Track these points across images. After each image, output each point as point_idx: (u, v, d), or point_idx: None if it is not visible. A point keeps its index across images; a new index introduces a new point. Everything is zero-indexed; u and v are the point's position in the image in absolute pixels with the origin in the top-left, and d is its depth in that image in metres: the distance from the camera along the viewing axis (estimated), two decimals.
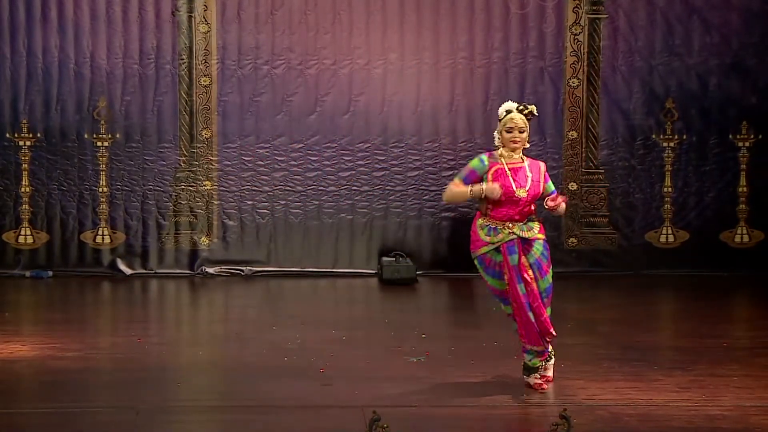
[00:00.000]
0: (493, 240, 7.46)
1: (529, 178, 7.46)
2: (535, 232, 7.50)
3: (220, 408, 7.32)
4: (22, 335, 9.48)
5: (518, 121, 7.51)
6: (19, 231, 12.60)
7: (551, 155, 12.78)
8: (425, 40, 12.68)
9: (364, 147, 12.74)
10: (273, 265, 12.78)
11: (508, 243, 7.43)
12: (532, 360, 7.55)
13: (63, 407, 7.12)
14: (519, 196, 7.41)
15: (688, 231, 12.92)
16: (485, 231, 7.49)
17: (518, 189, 7.42)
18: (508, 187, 7.41)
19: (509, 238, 7.43)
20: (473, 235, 7.55)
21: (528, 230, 7.48)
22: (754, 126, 12.83)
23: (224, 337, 9.76)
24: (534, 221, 7.52)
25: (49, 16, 12.39)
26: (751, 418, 6.90)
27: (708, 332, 9.71)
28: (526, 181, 7.45)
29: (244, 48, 12.59)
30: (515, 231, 7.45)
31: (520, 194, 7.41)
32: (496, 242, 7.45)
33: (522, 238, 7.44)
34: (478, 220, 7.55)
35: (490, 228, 7.48)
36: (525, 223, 7.48)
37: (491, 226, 7.47)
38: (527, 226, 7.48)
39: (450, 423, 6.96)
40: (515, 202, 7.42)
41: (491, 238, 7.47)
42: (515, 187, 7.42)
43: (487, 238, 7.47)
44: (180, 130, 12.62)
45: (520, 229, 7.46)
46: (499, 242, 7.44)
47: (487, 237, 7.47)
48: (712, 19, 12.73)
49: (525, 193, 7.42)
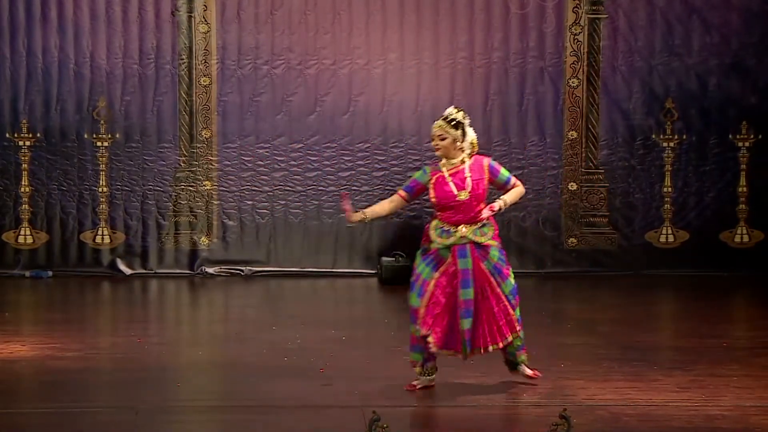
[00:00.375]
0: (445, 242, 7.48)
1: (468, 178, 7.47)
2: (488, 237, 7.52)
3: (219, 408, 7.32)
4: (22, 335, 9.48)
5: (435, 130, 7.50)
6: (19, 231, 12.60)
7: (551, 155, 12.79)
8: (425, 40, 12.68)
9: (363, 147, 12.73)
10: (273, 265, 12.77)
11: (459, 246, 7.46)
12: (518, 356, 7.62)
13: (63, 407, 7.12)
14: (461, 199, 7.44)
15: (688, 231, 12.92)
16: (438, 232, 7.52)
17: (459, 192, 7.44)
18: (449, 192, 7.45)
19: (461, 242, 7.46)
20: (426, 234, 7.59)
21: (481, 235, 7.49)
22: (753, 126, 12.83)
23: (224, 337, 9.76)
24: (488, 226, 7.53)
25: (48, 16, 12.39)
26: (750, 418, 6.90)
27: (708, 332, 9.71)
28: (465, 182, 7.46)
29: (244, 48, 12.59)
30: (468, 235, 7.46)
31: (461, 197, 7.44)
32: (447, 244, 7.48)
33: (475, 243, 7.46)
34: (433, 221, 7.58)
35: (443, 230, 7.51)
36: (479, 228, 7.49)
37: (444, 228, 7.51)
38: (480, 231, 7.49)
39: (450, 423, 6.96)
40: (460, 205, 7.45)
41: (443, 240, 7.49)
42: (456, 190, 7.44)
43: (439, 240, 7.50)
44: (180, 130, 12.62)
45: (473, 233, 7.47)
46: (450, 245, 7.47)
47: (439, 238, 7.50)
48: (712, 19, 12.73)
49: (467, 194, 7.45)
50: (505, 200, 7.57)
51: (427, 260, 7.54)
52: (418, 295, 7.48)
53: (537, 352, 8.74)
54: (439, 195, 7.47)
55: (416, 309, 7.49)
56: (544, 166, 12.81)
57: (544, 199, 12.83)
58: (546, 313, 10.64)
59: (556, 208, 12.87)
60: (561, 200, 12.87)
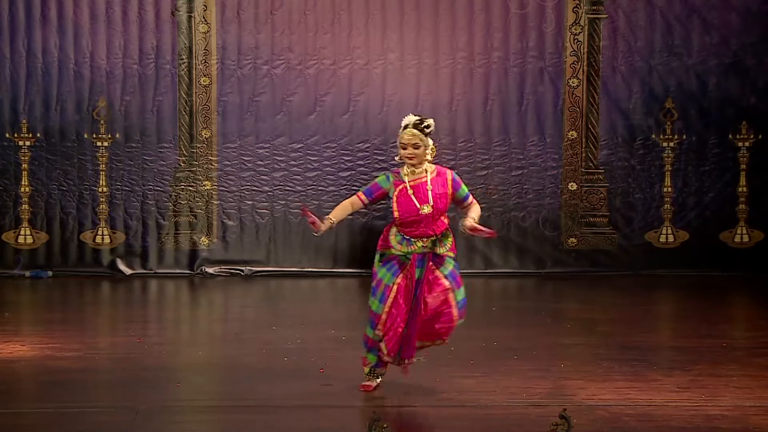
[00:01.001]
0: (404, 251, 7.42)
1: (429, 192, 7.38)
2: (446, 248, 7.45)
3: (219, 408, 7.32)
4: (22, 335, 9.48)
5: (410, 137, 7.34)
6: (19, 231, 12.60)
7: (551, 155, 12.79)
8: (425, 40, 12.68)
9: (363, 147, 12.74)
10: (272, 265, 12.78)
11: (419, 255, 7.39)
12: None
13: (62, 407, 7.12)
14: (423, 213, 7.34)
15: (688, 231, 12.92)
16: (398, 239, 7.44)
17: (422, 206, 7.34)
18: (412, 207, 7.34)
19: (421, 251, 7.39)
20: (384, 237, 7.50)
21: (441, 246, 7.43)
22: (753, 126, 12.83)
23: (224, 337, 9.76)
24: (447, 237, 7.47)
25: (48, 16, 12.39)
26: (750, 418, 6.90)
27: (707, 332, 9.71)
28: (428, 196, 7.37)
29: (244, 48, 12.59)
30: (428, 246, 7.40)
31: (424, 211, 7.34)
32: (405, 252, 7.41)
33: (434, 254, 7.42)
34: (393, 227, 7.49)
35: (403, 238, 7.43)
36: (438, 239, 7.43)
37: (405, 237, 7.42)
38: (440, 242, 7.43)
39: (450, 423, 6.96)
40: (422, 219, 7.36)
41: (402, 248, 7.42)
42: (419, 204, 7.35)
43: (399, 247, 7.43)
44: (179, 130, 12.62)
45: (432, 243, 7.41)
46: (409, 253, 7.41)
47: (399, 246, 7.43)
48: (712, 19, 12.74)
49: (429, 208, 7.35)
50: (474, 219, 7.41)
51: (387, 265, 7.44)
52: (380, 301, 7.41)
53: (537, 352, 8.76)
54: (402, 210, 7.36)
55: (377, 315, 7.41)
56: (544, 166, 12.81)
57: (544, 199, 12.83)
58: (546, 313, 10.64)
59: (556, 208, 12.87)
60: (561, 200, 12.87)
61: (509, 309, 11.11)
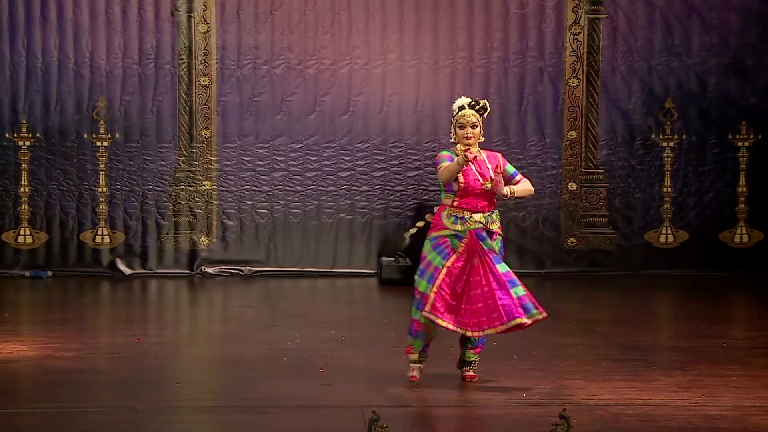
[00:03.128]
0: (460, 228, 7.56)
1: (489, 169, 7.57)
2: (497, 226, 7.64)
3: (219, 408, 7.32)
4: (22, 335, 9.48)
5: (470, 116, 7.55)
6: (19, 231, 12.60)
7: (551, 155, 12.79)
8: (424, 40, 12.68)
9: (363, 147, 12.74)
10: (272, 265, 12.78)
11: (476, 231, 7.54)
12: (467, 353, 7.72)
13: (62, 407, 7.12)
14: (486, 188, 7.53)
15: (688, 231, 12.92)
16: (452, 220, 7.58)
17: (484, 181, 7.52)
18: (476, 181, 7.52)
19: (476, 226, 7.54)
20: (436, 222, 7.64)
21: (492, 222, 7.61)
22: (753, 126, 12.83)
23: (223, 337, 9.76)
24: (496, 214, 7.65)
25: (48, 16, 12.40)
26: (750, 418, 6.90)
27: (707, 332, 9.72)
28: (488, 172, 7.55)
29: (244, 48, 12.59)
30: (482, 221, 7.55)
31: (486, 186, 7.52)
32: (460, 231, 7.54)
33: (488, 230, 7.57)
34: (443, 211, 7.63)
35: (456, 217, 7.57)
36: (489, 215, 7.60)
37: (457, 215, 7.57)
38: (491, 218, 7.61)
39: (450, 423, 6.96)
40: (482, 194, 7.54)
41: (458, 226, 7.56)
42: (482, 180, 7.52)
43: (454, 226, 7.57)
44: (179, 130, 12.62)
45: (486, 218, 7.57)
46: (464, 230, 7.53)
47: (454, 225, 7.57)
48: (711, 19, 12.74)
49: (490, 184, 7.53)
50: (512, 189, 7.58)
51: (438, 249, 7.59)
52: (429, 282, 7.54)
53: (537, 352, 8.76)
54: (468, 182, 7.52)
55: (426, 295, 7.53)
56: (543, 166, 12.82)
57: (544, 199, 12.83)
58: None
59: (555, 208, 12.88)
60: (561, 200, 12.87)
61: None
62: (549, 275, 12.75)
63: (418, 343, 7.68)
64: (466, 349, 7.76)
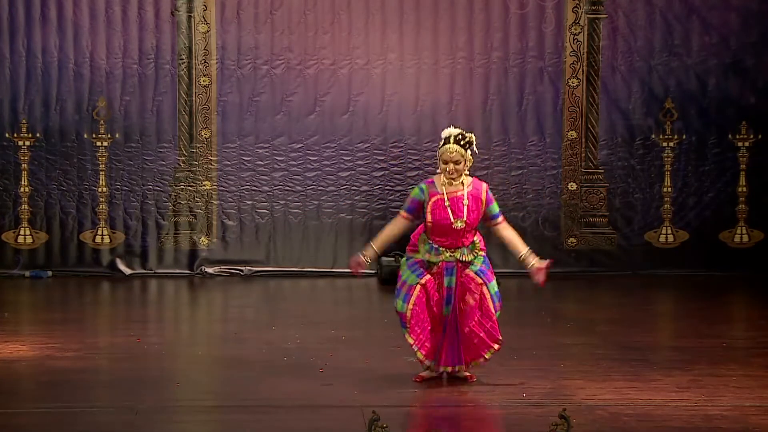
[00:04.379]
0: (432, 259, 7.54)
1: (465, 207, 7.47)
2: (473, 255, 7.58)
3: (219, 408, 7.33)
4: (22, 335, 9.48)
5: (453, 154, 7.43)
6: (19, 231, 12.60)
7: (550, 155, 12.79)
8: (424, 40, 12.68)
9: (363, 147, 12.74)
10: (272, 265, 12.78)
11: (447, 263, 7.52)
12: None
13: (62, 407, 7.12)
14: (457, 227, 7.47)
15: (688, 231, 12.92)
16: (426, 248, 7.56)
17: (456, 220, 7.46)
18: (445, 219, 7.44)
19: (449, 260, 7.52)
20: (413, 243, 7.62)
21: (469, 254, 7.55)
22: (753, 126, 12.83)
23: (223, 337, 9.76)
24: (474, 246, 7.58)
25: (48, 16, 12.40)
26: (750, 418, 6.90)
27: (707, 332, 9.72)
28: (463, 211, 7.46)
29: (244, 48, 12.59)
30: (456, 255, 7.52)
31: (457, 225, 7.47)
32: (433, 262, 7.53)
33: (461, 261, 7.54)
34: (422, 234, 7.59)
35: (432, 247, 7.54)
36: (466, 249, 7.55)
37: (433, 246, 7.54)
38: (468, 251, 7.56)
39: (450, 423, 6.96)
40: (455, 231, 7.48)
41: (430, 257, 7.55)
42: (453, 218, 7.45)
43: (427, 255, 7.56)
44: (179, 130, 12.62)
45: (461, 254, 7.53)
46: (437, 262, 7.52)
47: (427, 254, 7.56)
48: (711, 19, 12.74)
49: (462, 223, 7.47)
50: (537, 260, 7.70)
51: (413, 267, 7.59)
52: (404, 301, 7.56)
53: (537, 352, 8.77)
54: (435, 219, 7.47)
55: (403, 314, 7.58)
56: (543, 166, 12.82)
57: (544, 199, 12.83)
58: (546, 313, 10.65)
59: (555, 208, 12.88)
60: (561, 200, 12.87)
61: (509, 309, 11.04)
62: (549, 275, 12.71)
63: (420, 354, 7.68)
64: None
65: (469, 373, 7.76)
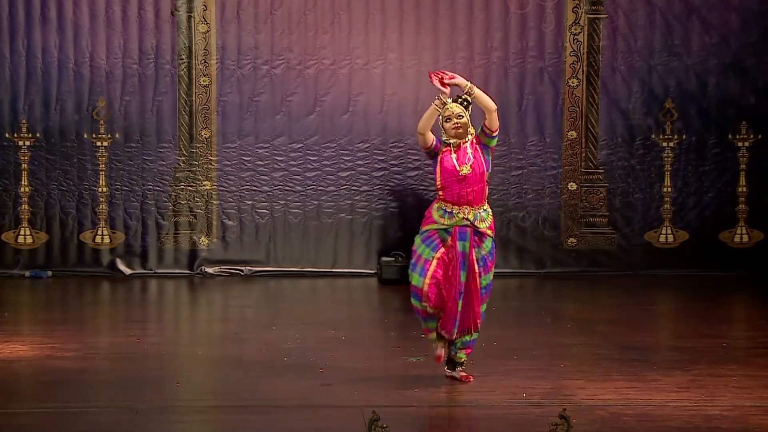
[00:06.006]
0: (447, 222, 7.62)
1: (469, 154, 7.62)
2: (486, 224, 7.66)
3: (219, 408, 7.33)
4: (22, 335, 9.48)
5: (455, 109, 7.67)
6: (19, 231, 12.60)
7: (550, 155, 12.79)
8: (424, 40, 12.68)
9: (363, 147, 12.74)
10: (272, 265, 12.78)
11: (460, 228, 7.59)
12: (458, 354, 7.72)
13: (62, 407, 7.12)
14: (463, 173, 7.57)
15: (688, 231, 12.92)
16: (440, 213, 7.65)
17: (461, 166, 7.58)
18: (451, 167, 7.59)
19: (462, 223, 7.59)
20: (427, 215, 7.71)
21: (481, 220, 7.64)
22: (753, 126, 12.83)
23: (223, 337, 9.76)
24: (486, 213, 7.67)
25: (48, 16, 12.39)
26: (750, 418, 6.90)
27: (707, 332, 9.72)
28: (467, 158, 7.59)
29: (244, 48, 12.59)
30: (469, 217, 7.60)
31: (464, 171, 7.58)
32: (448, 225, 7.61)
33: (475, 229, 7.58)
34: (435, 204, 7.71)
35: (445, 211, 7.63)
36: (479, 212, 7.61)
37: (446, 209, 7.62)
38: (480, 216, 7.64)
39: (450, 423, 6.96)
40: (462, 180, 7.58)
41: (445, 220, 7.63)
42: (458, 165, 7.57)
43: (441, 220, 7.64)
44: (179, 130, 12.62)
45: (474, 215, 7.61)
46: (451, 225, 7.60)
47: (441, 219, 7.64)
48: (711, 19, 12.74)
49: (468, 168, 7.59)
50: (471, 86, 7.68)
51: (427, 241, 7.66)
52: (420, 275, 7.60)
53: (537, 352, 8.77)
54: (444, 170, 7.60)
55: (419, 288, 7.60)
56: (543, 166, 12.82)
57: (544, 199, 12.83)
58: (546, 313, 10.65)
59: (555, 208, 12.88)
60: (561, 200, 12.87)
61: (509, 309, 11.10)
62: (549, 275, 12.75)
63: (432, 324, 7.73)
64: (457, 350, 7.77)
65: (465, 374, 7.76)
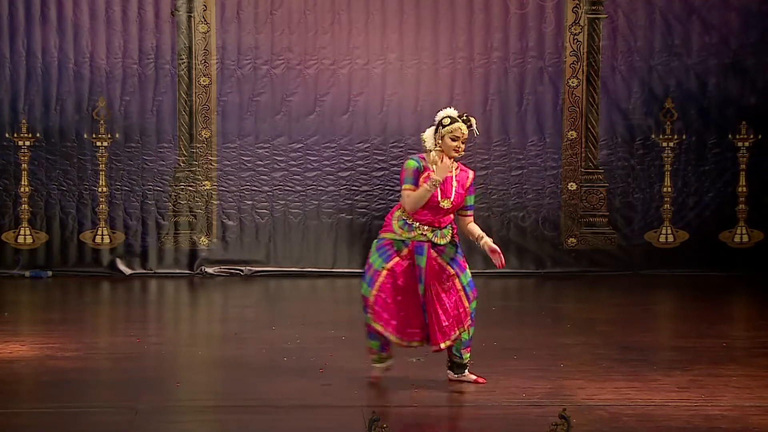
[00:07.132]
0: (404, 236, 7.49)
1: (454, 188, 7.48)
2: (447, 239, 7.53)
3: (219, 408, 7.32)
4: (22, 335, 9.47)
5: (464, 131, 7.47)
6: (19, 231, 12.60)
7: (550, 155, 12.80)
8: (424, 40, 12.69)
9: (363, 147, 12.74)
10: (272, 265, 12.78)
11: (417, 243, 7.48)
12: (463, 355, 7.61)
13: (62, 407, 7.12)
14: (443, 206, 7.45)
15: (688, 231, 12.93)
16: (400, 224, 7.52)
17: (443, 199, 7.44)
18: (434, 196, 7.41)
19: (420, 238, 7.47)
20: (387, 222, 7.60)
21: (441, 237, 7.50)
22: (753, 126, 12.84)
23: (223, 337, 9.76)
24: (448, 229, 7.54)
25: (48, 16, 12.40)
26: (750, 418, 6.90)
27: (707, 332, 9.72)
28: (452, 191, 7.46)
29: (244, 48, 12.60)
30: (428, 234, 7.47)
31: (444, 204, 7.44)
32: (405, 238, 7.49)
33: (432, 243, 7.48)
34: (396, 211, 7.57)
35: (405, 222, 7.50)
36: (441, 230, 7.50)
37: (408, 222, 7.49)
38: (441, 233, 7.50)
39: (450, 423, 6.96)
40: (438, 210, 7.46)
41: (403, 233, 7.50)
42: (440, 197, 7.43)
43: (399, 231, 7.50)
44: (179, 130, 12.62)
45: (433, 233, 7.48)
46: (408, 239, 7.48)
47: (400, 230, 7.51)
48: (711, 19, 12.74)
49: (449, 203, 7.45)
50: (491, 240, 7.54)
51: (380, 250, 7.54)
52: (369, 285, 7.50)
53: (537, 352, 8.77)
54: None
55: (366, 298, 7.52)
56: (543, 165, 12.82)
57: (544, 199, 12.84)
58: (546, 313, 10.65)
59: (555, 208, 12.88)
60: (561, 200, 12.88)
61: (509, 309, 11.11)
62: (549, 275, 12.76)
63: (374, 344, 7.62)
64: (460, 352, 7.67)
65: (476, 376, 7.71)
